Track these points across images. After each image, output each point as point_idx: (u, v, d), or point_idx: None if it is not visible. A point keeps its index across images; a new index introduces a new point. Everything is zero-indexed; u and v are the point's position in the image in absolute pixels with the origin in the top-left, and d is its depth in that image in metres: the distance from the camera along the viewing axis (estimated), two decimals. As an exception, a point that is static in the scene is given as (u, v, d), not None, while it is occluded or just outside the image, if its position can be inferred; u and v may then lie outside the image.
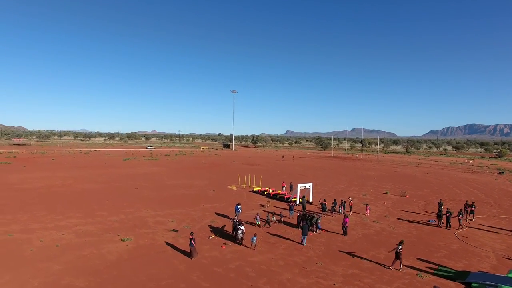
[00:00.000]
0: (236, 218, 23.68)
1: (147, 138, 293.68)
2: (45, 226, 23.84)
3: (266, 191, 38.25)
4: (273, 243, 21.53)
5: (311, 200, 34.15)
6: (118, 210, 29.19)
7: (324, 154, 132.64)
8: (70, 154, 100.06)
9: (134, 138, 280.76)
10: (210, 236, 22.25)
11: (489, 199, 38.37)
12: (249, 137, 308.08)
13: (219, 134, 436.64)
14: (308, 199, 33.46)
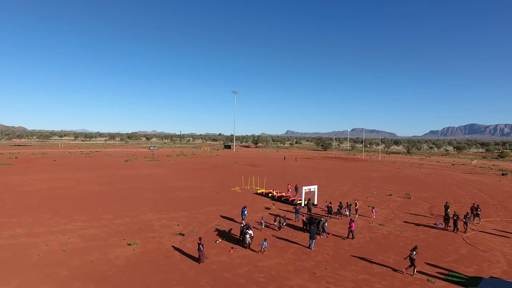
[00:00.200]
0: (243, 222, 23.54)
1: (147, 138, 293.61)
2: (50, 229, 23.68)
3: (270, 193, 38.08)
4: (280, 247, 21.38)
5: (316, 202, 34.01)
6: (122, 213, 29.03)
7: (326, 154, 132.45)
8: (72, 155, 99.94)
9: (135, 139, 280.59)
10: (217, 240, 22.10)
11: (494, 201, 38.18)
12: (249, 137, 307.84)
13: (220, 134, 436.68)
14: (313, 201, 33.33)
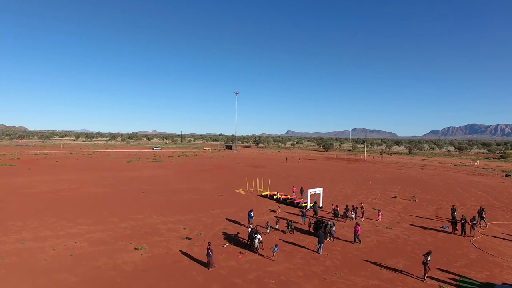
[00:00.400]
0: (251, 226, 23.40)
1: (148, 138, 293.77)
2: (56, 233, 23.55)
3: (275, 196, 37.90)
4: (289, 251, 21.23)
5: (321, 205, 33.83)
6: (128, 216, 28.89)
7: (327, 155, 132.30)
8: (73, 155, 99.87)
9: (136, 139, 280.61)
10: (224, 244, 21.95)
11: (500, 204, 37.99)
12: (250, 137, 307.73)
13: (221, 134, 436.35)
14: (318, 204, 33.14)
